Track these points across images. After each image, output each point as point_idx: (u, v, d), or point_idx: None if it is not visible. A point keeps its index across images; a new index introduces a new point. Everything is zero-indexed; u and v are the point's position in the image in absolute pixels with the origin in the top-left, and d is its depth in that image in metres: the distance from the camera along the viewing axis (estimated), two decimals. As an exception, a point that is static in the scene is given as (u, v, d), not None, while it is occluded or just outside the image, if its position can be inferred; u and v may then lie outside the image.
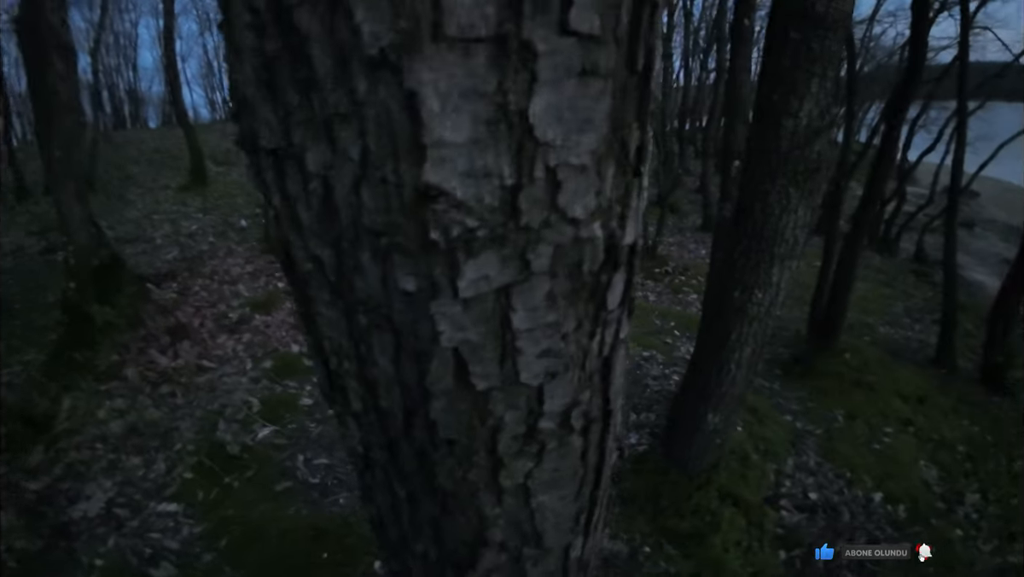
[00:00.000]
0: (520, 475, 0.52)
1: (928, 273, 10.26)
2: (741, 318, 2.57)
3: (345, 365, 0.51)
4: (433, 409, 0.46)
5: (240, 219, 8.18)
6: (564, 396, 0.49)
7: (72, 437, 3.32)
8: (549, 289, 0.42)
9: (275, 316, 5.79)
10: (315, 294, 0.47)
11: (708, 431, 2.96)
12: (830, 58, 2.21)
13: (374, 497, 0.64)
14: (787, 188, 2.33)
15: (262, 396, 4.45)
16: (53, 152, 3.62)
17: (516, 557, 0.60)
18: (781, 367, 5.57)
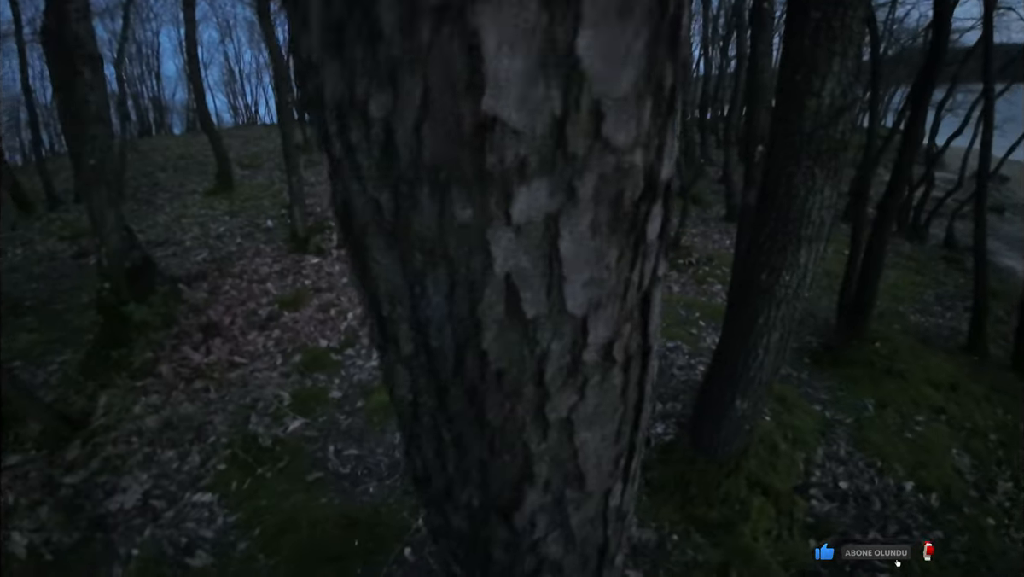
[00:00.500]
0: (564, 408, 0.54)
1: (959, 259, 9.98)
2: (769, 301, 2.54)
3: (398, 310, 0.53)
4: (485, 339, 0.49)
5: (267, 220, 8.36)
6: (606, 328, 0.51)
7: (108, 433, 3.44)
8: (593, 217, 0.44)
9: (303, 313, 5.92)
10: (371, 242, 0.50)
11: (736, 417, 2.93)
12: (851, 36, 2.17)
13: (420, 447, 0.67)
14: (812, 168, 2.30)
15: (292, 390, 4.56)
16: (86, 160, 3.77)
17: (559, 500, 0.62)
18: (810, 355, 5.47)
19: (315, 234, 8.00)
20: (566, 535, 0.67)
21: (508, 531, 0.65)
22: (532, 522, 0.64)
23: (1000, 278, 8.82)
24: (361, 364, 5.32)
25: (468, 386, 0.53)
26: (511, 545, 0.67)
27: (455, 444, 0.61)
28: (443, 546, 0.81)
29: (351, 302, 6.52)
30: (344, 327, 5.94)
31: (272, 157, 12.97)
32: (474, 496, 0.66)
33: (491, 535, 0.68)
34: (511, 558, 0.69)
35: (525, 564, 0.69)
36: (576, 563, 0.72)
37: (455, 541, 0.76)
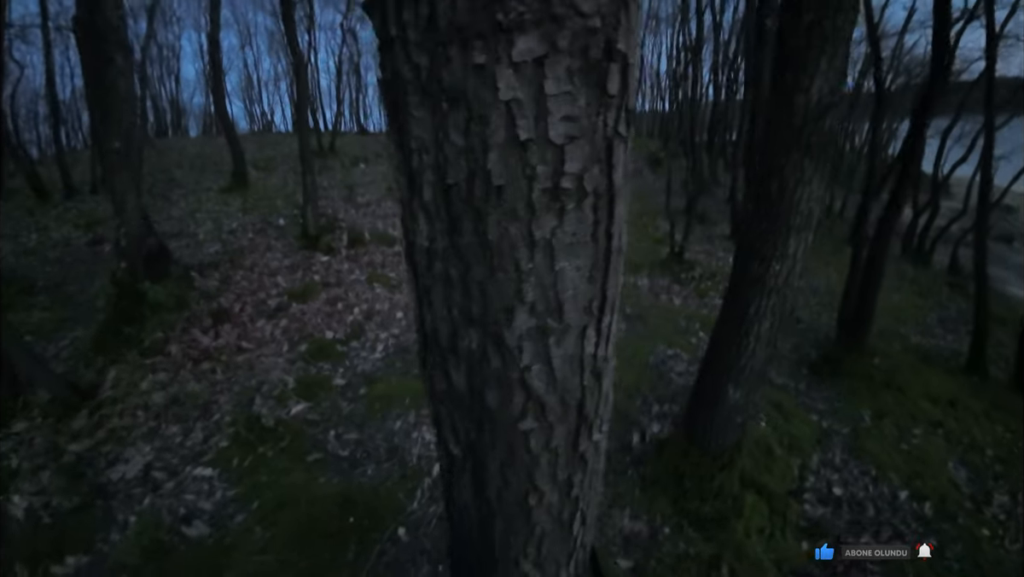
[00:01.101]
0: (548, 229, 0.66)
1: (962, 284, 10.03)
2: (760, 291, 2.62)
3: (425, 159, 0.65)
4: (490, 160, 0.61)
5: (279, 218, 8.54)
6: (579, 160, 0.64)
7: (115, 405, 3.52)
8: (568, 64, 0.59)
9: (311, 305, 6.03)
10: (410, 100, 0.63)
11: (729, 406, 2.98)
12: (839, 36, 2.31)
13: (431, 301, 0.77)
14: (801, 161, 2.42)
15: (297, 376, 4.65)
16: (111, 143, 3.93)
17: (543, 328, 0.72)
18: (809, 367, 5.51)
19: (326, 233, 8.16)
20: (548, 371, 0.76)
21: (500, 358, 0.74)
22: (520, 347, 0.73)
23: (1007, 306, 8.87)
24: (365, 356, 5.41)
25: (474, 211, 0.64)
26: (503, 380, 0.76)
27: (462, 282, 0.70)
28: (444, 417, 0.90)
29: (358, 298, 6.63)
30: (351, 320, 6.04)
31: (287, 161, 13.24)
32: (474, 337, 0.75)
33: (487, 376, 0.77)
34: (502, 398, 0.77)
35: (514, 403, 0.77)
36: (558, 409, 0.80)
37: (454, 404, 0.85)
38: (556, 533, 0.98)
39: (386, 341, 5.75)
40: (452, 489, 1.02)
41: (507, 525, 0.95)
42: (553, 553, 1.02)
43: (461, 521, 1.05)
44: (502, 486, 0.90)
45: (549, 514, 0.94)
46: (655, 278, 9.04)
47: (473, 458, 0.91)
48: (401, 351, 5.51)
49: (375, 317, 6.27)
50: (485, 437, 0.86)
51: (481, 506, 0.96)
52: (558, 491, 0.92)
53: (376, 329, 6.00)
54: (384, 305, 6.61)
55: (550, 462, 0.87)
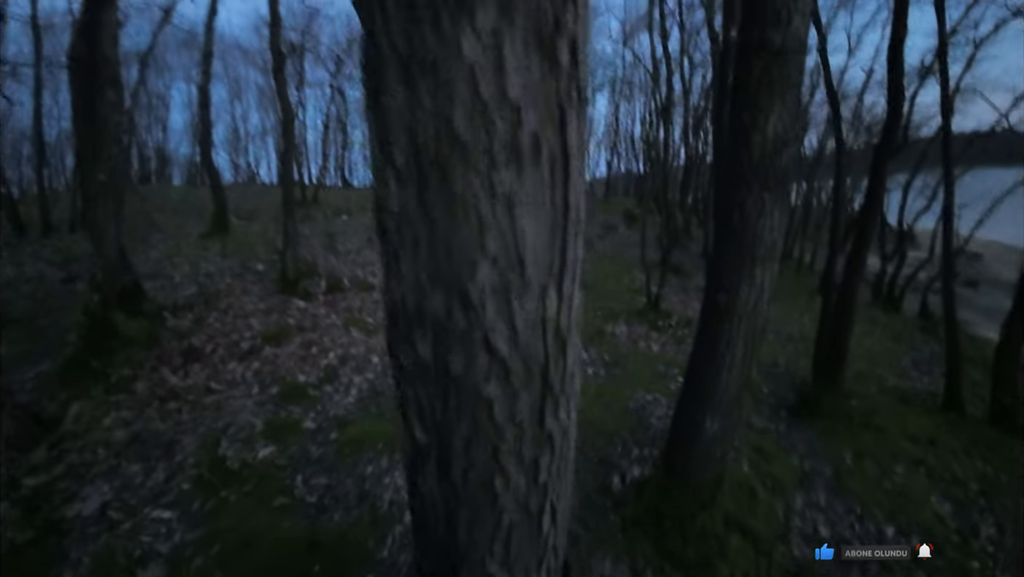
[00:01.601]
0: (508, 183, 0.70)
1: (934, 328, 10.31)
2: (730, 317, 2.69)
3: (399, 128, 0.72)
4: (456, 118, 0.66)
5: (258, 264, 8.49)
6: (534, 121, 0.69)
7: (76, 440, 3.37)
8: (523, 36, 0.65)
9: (285, 348, 5.91)
10: (389, 77, 0.69)
11: (707, 438, 2.96)
12: (788, 81, 2.51)
13: (400, 264, 0.78)
14: (761, 194, 2.55)
15: (266, 419, 4.48)
16: (96, 175, 3.94)
17: (505, 284, 0.73)
18: (788, 410, 5.52)
19: (305, 278, 8.12)
20: (511, 332, 0.77)
21: (464, 317, 0.75)
22: (483, 303, 0.74)
23: (977, 346, 9.09)
24: (339, 400, 5.27)
25: (440, 169, 0.67)
26: (467, 341, 0.76)
27: (429, 239, 0.72)
28: (411, 399, 0.88)
29: (334, 342, 6.52)
30: (325, 364, 5.91)
31: (269, 210, 13.31)
32: (440, 299, 0.76)
33: (452, 341, 0.77)
34: (466, 362, 0.77)
35: (478, 366, 0.77)
36: (521, 373, 0.80)
37: (421, 379, 0.84)
38: (524, 527, 0.95)
39: (360, 385, 5.63)
40: (417, 482, 0.98)
41: (473, 515, 0.91)
42: (522, 553, 0.98)
43: (425, 520, 1.00)
44: (467, 467, 0.87)
45: (516, 502, 0.91)
46: (633, 326, 9.11)
47: (439, 441, 0.89)
48: (376, 395, 5.39)
49: (350, 361, 6.16)
50: (451, 414, 0.85)
51: (447, 496, 0.92)
52: (524, 475, 0.89)
53: (351, 373, 5.88)
54: (360, 349, 6.51)
55: (516, 437, 0.86)
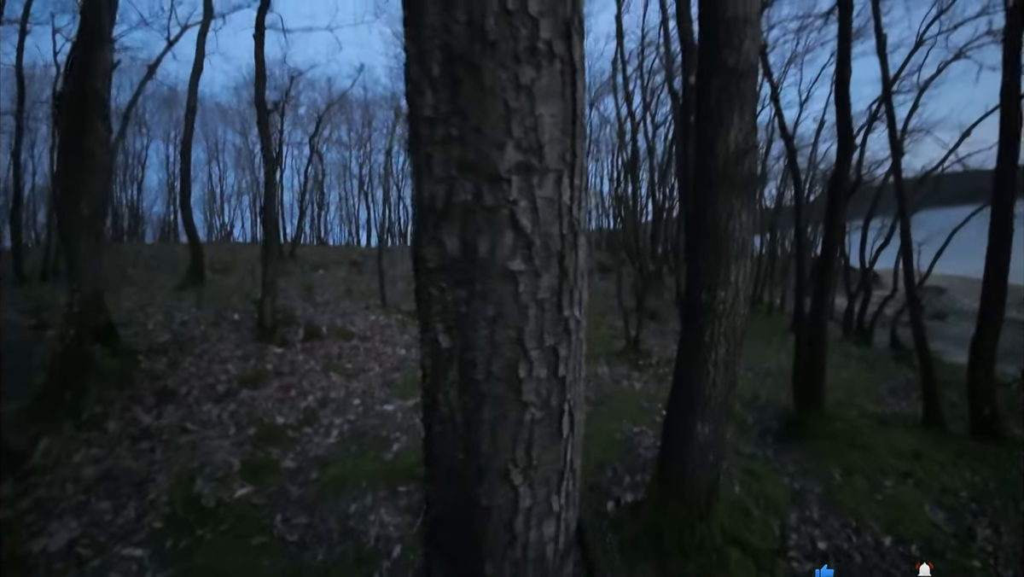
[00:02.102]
0: (528, 78, 0.82)
1: (906, 357, 10.65)
2: (711, 317, 2.81)
3: (436, 42, 0.84)
4: (487, 24, 0.81)
5: (233, 313, 8.33)
6: (548, 30, 0.84)
7: (44, 475, 3.16)
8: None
9: (262, 391, 5.73)
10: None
11: (700, 443, 2.96)
12: (745, 97, 2.80)
13: (432, 157, 0.87)
14: (729, 197, 2.77)
15: (243, 459, 4.29)
16: (80, 209, 3.91)
17: (527, 165, 0.85)
18: (773, 436, 5.58)
19: (282, 327, 7.99)
20: (532, 210, 0.87)
21: (492, 195, 0.85)
22: (509, 180, 0.85)
23: (952, 371, 9.34)
24: (319, 441, 5.10)
25: (474, 68, 0.82)
26: (494, 221, 0.85)
27: (461, 133, 0.82)
28: (435, 301, 0.93)
29: (312, 386, 6.37)
30: (303, 407, 5.75)
31: (245, 264, 13.23)
32: (468, 187, 0.83)
33: (479, 223, 0.86)
34: (493, 241, 0.85)
35: (504, 243, 0.86)
36: (542, 252, 0.89)
37: (446, 272, 0.90)
38: (546, 427, 0.96)
39: (341, 427, 5.47)
40: (438, 400, 1.00)
41: (496, 412, 0.93)
42: (544, 462, 0.98)
43: (444, 444, 1.01)
44: (491, 355, 0.90)
45: (538, 395, 0.93)
46: (615, 366, 9.16)
47: (463, 340, 0.92)
48: (357, 435, 5.23)
49: (330, 404, 6.00)
50: (476, 302, 0.89)
51: (468, 397, 0.94)
52: (546, 364, 0.93)
53: (331, 415, 5.72)
54: (340, 393, 6.37)
55: (537, 317, 0.91)
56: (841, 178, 5.73)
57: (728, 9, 2.85)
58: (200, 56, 10.02)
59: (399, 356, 7.83)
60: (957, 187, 13.83)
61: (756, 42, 2.99)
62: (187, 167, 9.63)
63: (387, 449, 4.84)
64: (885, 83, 7.62)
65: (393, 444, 4.96)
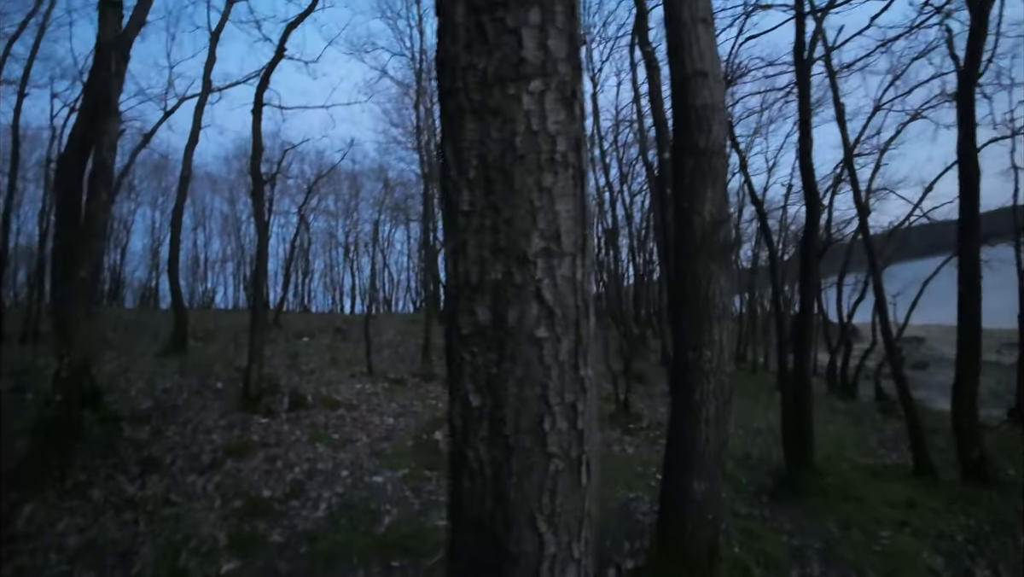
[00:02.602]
0: (549, 182, 1.05)
1: (892, 408, 10.74)
2: (699, 375, 2.97)
3: (472, 151, 1.05)
4: (517, 141, 1.03)
5: (217, 381, 8.21)
6: (563, 145, 1.05)
7: (27, 542, 3.05)
8: (555, 97, 1.05)
9: (248, 462, 5.60)
10: (466, 119, 1.06)
11: (697, 501, 3.01)
12: (717, 173, 3.13)
13: (467, 242, 1.05)
14: (708, 264, 3.01)
15: (229, 532, 4.17)
16: (78, 272, 3.97)
17: (549, 250, 1.03)
18: (767, 495, 5.58)
19: (267, 395, 7.87)
20: (554, 286, 1.04)
21: (521, 275, 1.02)
22: (536, 263, 1.03)
23: (937, 418, 9.46)
24: (307, 514, 4.96)
25: (506, 173, 1.03)
26: (522, 295, 1.02)
27: (493, 224, 1.03)
28: (467, 364, 1.05)
29: (299, 457, 6.23)
30: (290, 479, 5.61)
31: (227, 332, 13.09)
32: (500, 267, 1.00)
33: (510, 297, 1.03)
34: (521, 312, 1.03)
35: (531, 314, 1.02)
36: (562, 321, 1.05)
37: (478, 339, 1.04)
38: (567, 476, 1.06)
39: (330, 499, 5.33)
40: (467, 455, 1.10)
41: (524, 462, 1.03)
42: (566, 508, 1.08)
43: (472, 488, 1.10)
44: (520, 409, 1.02)
45: (560, 446, 1.04)
46: (606, 431, 9.11)
47: (492, 398, 1.04)
48: (347, 508, 5.11)
49: (317, 476, 5.86)
50: (505, 364, 1.02)
51: (498, 451, 1.04)
52: (566, 417, 1.04)
53: (319, 487, 5.58)
54: (327, 464, 6.23)
55: (559, 376, 1.04)
56: (811, 239, 6.11)
57: (698, 98, 3.21)
58: (196, 127, 10.44)
59: (387, 425, 7.72)
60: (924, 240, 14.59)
61: (723, 125, 3.34)
62: (177, 234, 9.79)
63: (378, 522, 4.73)
64: (846, 148, 8.29)
65: (384, 517, 4.84)
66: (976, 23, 6.59)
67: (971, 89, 6.55)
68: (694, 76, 3.23)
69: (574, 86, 1.08)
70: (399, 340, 15.27)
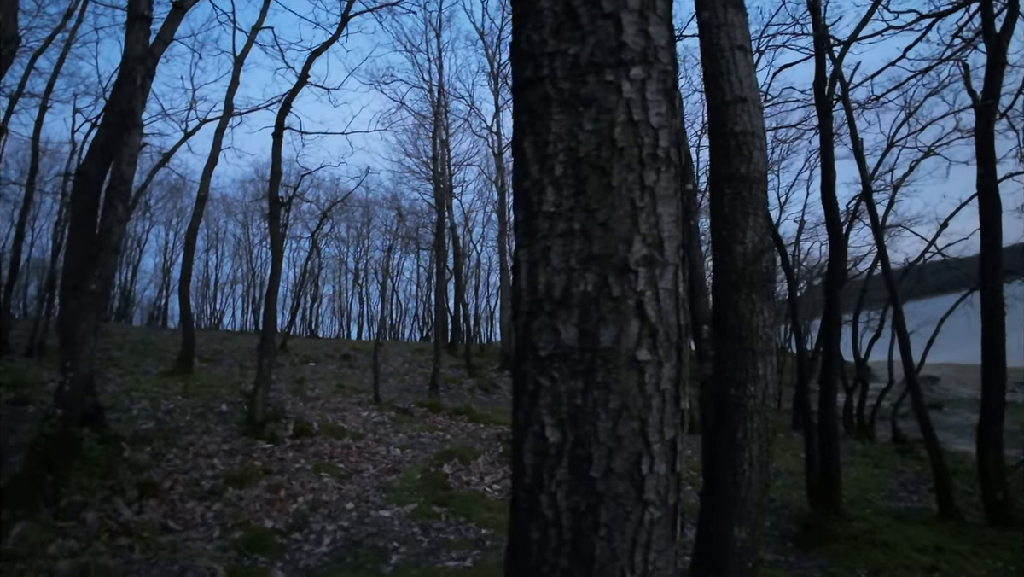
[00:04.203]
0: (651, 180, 0.92)
1: (911, 449, 10.49)
2: (742, 413, 2.77)
3: (559, 145, 0.93)
4: (616, 133, 0.91)
5: (221, 404, 8.01)
6: (666, 140, 0.94)
7: (16, 563, 2.83)
8: (655, 87, 0.93)
9: (249, 491, 5.36)
10: (553, 110, 0.94)
11: (737, 549, 2.77)
12: (757, 202, 3.00)
13: (550, 249, 0.90)
14: (751, 295, 2.86)
15: (228, 566, 3.92)
16: (89, 284, 3.86)
17: (651, 259, 0.90)
18: (792, 540, 5.30)
19: (271, 421, 7.66)
20: (656, 301, 0.91)
21: (620, 286, 0.89)
22: (637, 273, 0.90)
23: (956, 460, 9.27)
24: (309, 549, 4.71)
25: (601, 169, 0.91)
26: (620, 310, 0.88)
27: (583, 228, 0.92)
28: (543, 395, 0.90)
29: (303, 487, 5.98)
30: (293, 509, 5.36)
31: (233, 355, 12.94)
32: (590, 278, 0.86)
33: (603, 312, 0.89)
34: (619, 331, 0.88)
35: (630, 332, 0.88)
36: (664, 342, 0.91)
37: (560, 364, 0.89)
38: (662, 528, 0.89)
39: (334, 534, 5.08)
40: (538, 497, 0.93)
41: (614, 513, 0.86)
42: (658, 569, 0.90)
43: (544, 541, 0.93)
44: (614, 448, 0.85)
45: (658, 492, 0.88)
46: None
47: (576, 434, 0.88)
48: (352, 545, 4.85)
49: (321, 508, 5.61)
50: (593, 394, 0.86)
51: (579, 497, 0.88)
52: (665, 459, 0.88)
53: (323, 520, 5.33)
54: (332, 496, 5.98)
55: (660, 409, 0.89)
56: (836, 276, 5.95)
57: (738, 124, 3.12)
58: (216, 150, 10.51)
59: (393, 456, 7.45)
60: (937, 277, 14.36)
61: (763, 152, 3.24)
62: (190, 255, 9.74)
63: (385, 561, 4.47)
64: (864, 183, 8.17)
65: (391, 555, 4.58)
66: (994, 55, 6.59)
67: (990, 123, 6.49)
68: (734, 102, 3.15)
69: (674, 78, 0.98)
70: (406, 369, 15.05)
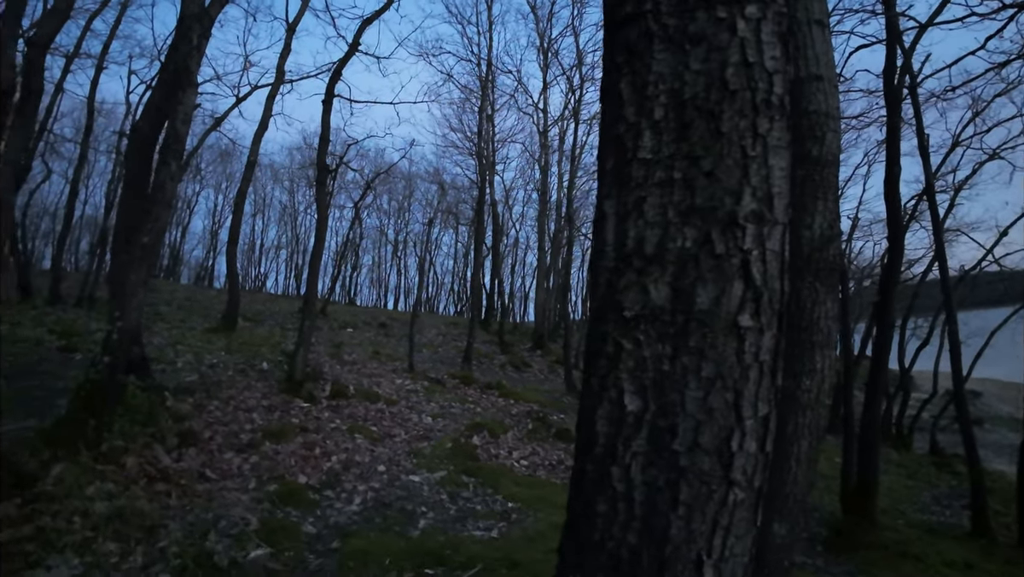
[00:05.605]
0: (764, 128, 0.84)
1: (948, 464, 10.17)
2: (794, 407, 2.62)
3: (661, 87, 0.85)
4: (727, 74, 0.84)
5: (263, 362, 8.26)
6: (780, 86, 0.86)
7: (52, 503, 2.97)
8: (771, 28, 0.84)
9: (285, 446, 5.52)
10: (655, 47, 0.86)
11: (776, 545, 2.65)
12: (828, 186, 2.80)
13: (645, 200, 0.82)
14: (814, 284, 2.68)
15: (261, 517, 4.04)
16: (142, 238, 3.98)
17: (760, 215, 0.82)
18: (822, 544, 5.18)
19: (310, 381, 7.86)
20: (762, 262, 0.84)
21: (724, 244, 0.82)
22: (745, 229, 0.83)
23: (992, 479, 8.94)
24: (340, 507, 4.82)
25: (709, 112, 0.83)
26: (721, 270, 0.81)
27: (685, 177, 0.86)
28: (624, 359, 0.83)
29: (337, 446, 6.12)
30: (327, 467, 5.49)
31: (275, 316, 13.31)
32: (689, 234, 0.77)
33: (701, 271, 0.82)
34: (719, 292, 0.81)
35: (732, 295, 0.81)
36: (768, 309, 0.84)
37: (648, 325, 0.82)
38: (745, 511, 0.82)
39: (364, 494, 5.18)
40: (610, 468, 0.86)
41: (696, 489, 0.79)
42: (735, 555, 0.83)
43: (611, 516, 0.87)
44: (703, 421, 0.78)
45: (744, 474, 0.80)
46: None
47: (659, 403, 0.81)
48: (382, 506, 4.94)
49: (354, 468, 5.73)
50: (683, 361, 0.79)
51: (658, 473, 0.81)
52: (756, 437, 0.80)
53: (354, 480, 5.44)
54: (365, 457, 6.10)
55: (756, 381, 0.81)
56: (892, 277, 5.64)
57: (812, 103, 2.92)
58: (267, 115, 10.69)
59: (425, 424, 7.56)
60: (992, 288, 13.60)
61: (837, 134, 3.03)
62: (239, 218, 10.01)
63: (413, 525, 4.53)
64: (928, 182, 7.66)
65: (419, 520, 4.65)
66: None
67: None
68: (808, 80, 2.94)
69: (788, 22, 0.87)
70: (440, 341, 15.22)
